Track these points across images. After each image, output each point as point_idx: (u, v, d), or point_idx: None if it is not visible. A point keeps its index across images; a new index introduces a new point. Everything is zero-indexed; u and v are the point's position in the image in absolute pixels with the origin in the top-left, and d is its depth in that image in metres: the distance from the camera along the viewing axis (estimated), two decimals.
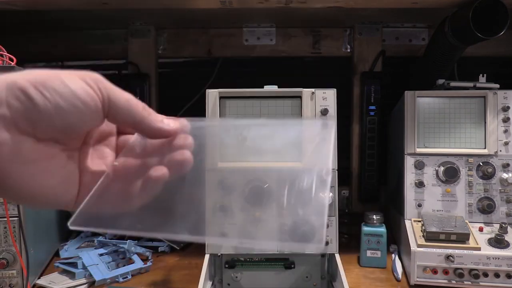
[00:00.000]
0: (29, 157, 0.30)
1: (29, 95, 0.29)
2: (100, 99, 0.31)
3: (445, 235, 0.81)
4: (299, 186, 0.78)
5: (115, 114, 0.33)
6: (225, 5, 0.93)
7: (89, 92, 0.31)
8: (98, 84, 0.31)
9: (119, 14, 1.17)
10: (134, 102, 0.34)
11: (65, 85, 0.30)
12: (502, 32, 0.82)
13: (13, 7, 0.92)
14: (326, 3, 0.93)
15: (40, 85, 0.29)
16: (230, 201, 0.80)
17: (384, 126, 1.24)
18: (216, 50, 1.32)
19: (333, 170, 0.81)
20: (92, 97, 0.31)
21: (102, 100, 0.32)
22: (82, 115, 0.31)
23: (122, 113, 0.33)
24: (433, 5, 0.94)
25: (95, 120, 0.32)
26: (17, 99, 0.29)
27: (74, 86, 0.30)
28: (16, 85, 0.29)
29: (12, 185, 0.30)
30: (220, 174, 0.78)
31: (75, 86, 0.30)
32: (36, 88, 0.29)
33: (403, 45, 1.30)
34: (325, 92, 0.81)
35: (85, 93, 0.31)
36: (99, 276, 0.83)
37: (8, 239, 0.79)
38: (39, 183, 0.31)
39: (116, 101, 0.32)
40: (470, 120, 0.89)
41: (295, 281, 0.84)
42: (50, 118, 0.30)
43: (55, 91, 0.29)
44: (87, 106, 0.31)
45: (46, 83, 0.29)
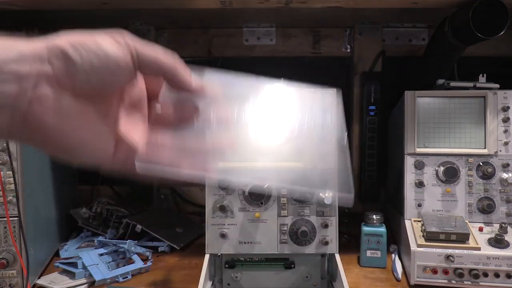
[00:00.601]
0: (68, 111, 0.33)
1: (67, 54, 0.32)
2: (129, 53, 0.34)
3: (445, 235, 0.81)
4: (299, 186, 0.78)
5: (145, 65, 0.35)
6: (225, 5, 0.93)
7: (119, 48, 0.34)
8: (125, 40, 0.34)
9: (119, 14, 1.17)
10: (163, 53, 0.36)
11: (98, 45, 0.33)
12: (502, 32, 0.82)
13: (13, 7, 0.92)
14: (326, 3, 0.93)
15: (78, 45, 0.32)
16: (230, 201, 0.81)
17: (384, 126, 1.24)
18: (216, 50, 1.32)
19: (333, 170, 0.80)
20: (123, 53, 0.34)
21: (131, 53, 0.34)
22: (115, 70, 0.34)
23: (152, 64, 0.36)
24: (433, 5, 0.94)
25: (127, 73, 0.35)
26: (57, 57, 0.32)
27: (105, 45, 0.33)
28: (56, 45, 0.32)
29: (53, 136, 0.33)
30: (220, 174, 0.79)
31: (106, 45, 0.33)
32: (73, 48, 0.32)
33: (403, 45, 1.30)
34: (325, 92, 0.81)
35: (116, 49, 0.33)
36: (99, 276, 0.83)
37: (8, 239, 0.79)
38: (77, 136, 0.34)
39: (145, 53, 0.35)
40: (470, 120, 0.89)
41: (295, 281, 0.84)
42: (87, 74, 0.32)
43: (90, 50, 0.32)
44: (120, 63, 0.34)
45: (82, 44, 0.32)
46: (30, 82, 0.31)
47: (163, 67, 0.36)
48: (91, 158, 0.35)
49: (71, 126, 0.33)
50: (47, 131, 0.32)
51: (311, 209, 0.81)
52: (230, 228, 0.81)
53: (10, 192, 0.78)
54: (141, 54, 0.35)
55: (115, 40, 0.34)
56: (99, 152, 0.35)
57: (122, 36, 0.34)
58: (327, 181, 0.81)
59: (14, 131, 0.32)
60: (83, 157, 0.35)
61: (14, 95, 0.30)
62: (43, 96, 0.31)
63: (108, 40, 0.33)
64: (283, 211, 0.79)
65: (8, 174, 0.78)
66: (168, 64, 0.36)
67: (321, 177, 0.80)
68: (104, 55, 0.33)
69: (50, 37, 0.33)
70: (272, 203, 0.80)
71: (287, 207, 0.80)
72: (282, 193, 0.80)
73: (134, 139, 0.37)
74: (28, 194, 0.83)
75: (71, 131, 0.33)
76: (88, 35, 0.33)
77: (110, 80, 0.34)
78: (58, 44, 0.32)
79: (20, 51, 0.31)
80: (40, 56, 0.31)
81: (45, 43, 0.32)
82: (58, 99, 0.32)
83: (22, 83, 0.31)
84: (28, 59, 0.31)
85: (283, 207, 0.80)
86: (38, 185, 0.91)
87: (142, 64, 0.35)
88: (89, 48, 0.32)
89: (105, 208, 1.12)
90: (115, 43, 0.34)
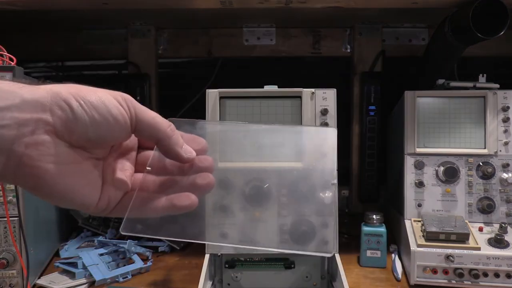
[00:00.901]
0: (62, 159, 0.34)
1: (71, 106, 0.33)
2: (129, 115, 0.36)
3: (445, 235, 0.81)
4: (299, 186, 0.78)
5: (142, 130, 0.37)
6: (225, 5, 0.93)
7: (120, 109, 0.35)
8: (127, 103, 0.36)
9: (119, 14, 1.17)
10: (159, 120, 0.38)
11: (101, 101, 0.34)
12: (502, 32, 0.82)
13: (13, 7, 0.92)
14: (326, 3, 0.93)
15: (81, 98, 0.33)
16: (230, 201, 0.81)
17: (384, 126, 1.24)
18: (216, 50, 1.32)
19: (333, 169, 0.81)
20: (122, 113, 0.35)
21: (130, 116, 0.36)
22: (112, 128, 0.35)
23: (148, 129, 0.37)
24: (433, 5, 0.94)
25: (123, 133, 0.36)
26: (60, 108, 0.33)
27: (108, 103, 0.34)
28: (60, 95, 0.33)
29: (45, 182, 0.33)
30: (220, 174, 0.78)
31: (109, 103, 0.34)
32: (77, 101, 0.33)
33: (403, 45, 1.30)
34: (325, 92, 0.81)
35: (117, 110, 0.35)
36: (99, 276, 0.83)
37: (8, 239, 0.79)
38: (69, 184, 0.35)
39: (142, 118, 0.37)
40: (470, 120, 0.89)
41: (295, 281, 0.84)
42: (85, 129, 0.34)
43: (93, 105, 0.34)
44: (118, 121, 0.35)
45: (85, 97, 0.33)
46: (29, 128, 0.32)
47: (158, 136, 0.38)
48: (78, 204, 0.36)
49: (64, 173, 0.34)
50: (40, 176, 0.33)
51: (311, 209, 0.81)
52: (230, 228, 0.81)
53: (10, 192, 0.78)
54: (139, 118, 0.36)
55: (117, 100, 0.35)
56: (87, 198, 0.36)
57: (124, 98, 0.36)
58: (327, 181, 0.81)
59: (7, 173, 0.32)
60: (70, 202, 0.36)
61: (12, 139, 0.31)
62: (40, 142, 0.32)
63: (110, 98, 0.35)
64: (283, 211, 0.79)
65: None
66: (163, 133, 0.38)
67: (321, 177, 0.80)
68: (106, 113, 0.34)
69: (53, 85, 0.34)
70: (272, 203, 0.80)
71: (287, 207, 0.80)
72: (282, 193, 0.80)
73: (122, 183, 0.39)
74: (28, 194, 0.83)
75: (63, 178, 0.34)
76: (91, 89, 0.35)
77: (106, 136, 0.35)
78: (62, 94, 0.33)
79: (23, 98, 0.32)
80: (42, 104, 0.32)
81: (48, 91, 0.33)
82: (53, 147, 0.33)
83: (20, 129, 0.31)
84: (30, 106, 0.32)
85: (283, 207, 0.80)
86: None
87: (139, 128, 0.37)
88: (92, 103, 0.34)
89: None
90: (116, 102, 0.35)
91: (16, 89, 0.32)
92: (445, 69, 1.06)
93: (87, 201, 0.36)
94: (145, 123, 0.37)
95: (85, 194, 0.36)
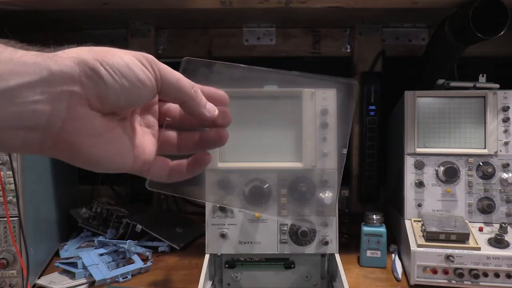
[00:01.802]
0: (98, 130, 0.34)
1: (100, 75, 0.32)
2: (155, 78, 0.35)
3: (445, 235, 0.81)
4: (299, 186, 0.78)
5: (166, 92, 0.37)
6: (225, 5, 0.93)
7: (146, 72, 0.35)
8: (152, 65, 0.35)
9: (119, 14, 1.17)
10: (184, 82, 0.37)
11: (128, 67, 0.33)
12: (502, 32, 0.82)
13: (13, 7, 0.92)
14: (326, 3, 0.93)
15: (108, 65, 0.32)
16: (230, 201, 0.81)
17: (384, 126, 1.24)
18: (216, 50, 1.32)
19: (333, 170, 0.81)
20: (149, 77, 0.35)
21: (156, 79, 0.35)
22: (141, 93, 0.35)
23: (172, 91, 0.37)
24: (433, 5, 0.94)
25: (150, 96, 0.36)
26: (90, 79, 0.32)
27: (134, 67, 0.34)
28: (87, 64, 0.32)
29: (83, 155, 0.34)
30: (220, 174, 0.79)
31: (135, 67, 0.34)
32: (105, 69, 0.32)
33: (403, 45, 1.30)
34: (325, 92, 0.81)
35: (144, 74, 0.34)
36: (99, 276, 0.83)
37: (8, 239, 0.79)
38: (105, 152, 0.35)
39: (168, 80, 0.36)
40: (470, 120, 0.89)
41: (295, 281, 0.84)
42: (117, 97, 0.33)
43: (121, 72, 0.33)
44: (145, 85, 0.35)
45: (113, 64, 0.33)
46: (63, 102, 0.31)
47: (182, 98, 0.38)
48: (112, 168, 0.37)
49: (99, 143, 0.34)
50: (78, 149, 0.33)
51: (311, 209, 0.81)
52: (230, 228, 0.81)
53: (10, 192, 0.78)
54: (164, 80, 0.36)
55: (142, 62, 0.35)
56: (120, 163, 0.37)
57: (148, 60, 0.35)
58: (327, 181, 0.81)
59: (45, 148, 0.32)
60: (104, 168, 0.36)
61: (47, 115, 0.31)
62: (76, 117, 0.32)
63: (136, 63, 0.34)
64: (283, 211, 0.79)
65: (8, 174, 0.78)
66: (187, 95, 0.38)
67: (321, 177, 0.80)
68: (134, 78, 0.34)
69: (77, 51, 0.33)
70: (272, 203, 0.80)
71: (287, 207, 0.80)
72: (282, 193, 0.80)
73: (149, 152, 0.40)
74: (28, 194, 0.83)
75: (98, 148, 0.34)
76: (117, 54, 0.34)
77: (136, 101, 0.35)
78: (89, 63, 0.32)
79: (51, 71, 0.31)
80: (71, 76, 0.31)
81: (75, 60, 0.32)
82: (89, 119, 0.33)
83: (55, 104, 0.31)
84: (59, 78, 0.31)
85: (283, 207, 0.80)
86: (38, 185, 0.91)
87: (164, 90, 0.36)
88: (120, 69, 0.33)
89: (105, 208, 1.12)
90: (142, 66, 0.34)
91: (41, 61, 0.31)
92: (445, 69, 1.06)
93: (120, 166, 0.37)
94: (170, 85, 0.36)
95: (119, 160, 0.36)
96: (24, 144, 0.31)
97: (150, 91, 0.35)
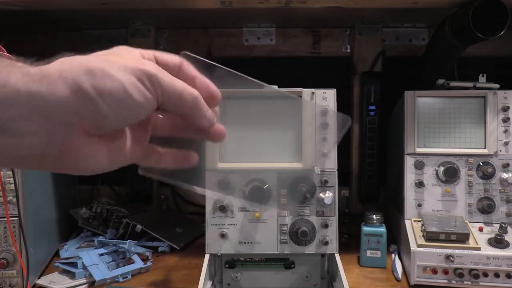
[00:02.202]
0: (94, 153, 0.34)
1: (97, 106, 0.31)
2: (154, 96, 0.34)
3: (445, 235, 0.81)
4: (299, 186, 0.78)
5: (167, 106, 0.35)
6: (225, 5, 0.93)
7: (146, 94, 0.33)
8: (153, 83, 0.33)
9: (119, 14, 1.17)
10: (186, 96, 0.35)
11: (127, 93, 0.32)
12: (502, 32, 0.82)
13: (13, 7, 0.92)
14: (326, 3, 0.93)
15: (106, 94, 0.31)
16: (230, 201, 0.81)
17: (384, 126, 1.24)
18: (216, 50, 1.32)
19: (333, 170, 0.81)
20: (147, 97, 0.33)
21: (156, 97, 0.34)
22: (139, 114, 0.34)
23: (173, 106, 0.35)
24: (433, 5, 0.94)
25: (148, 113, 0.35)
26: (86, 108, 0.31)
27: (134, 93, 0.32)
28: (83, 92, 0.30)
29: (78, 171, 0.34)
30: (220, 174, 0.79)
31: (134, 93, 0.32)
32: (102, 99, 0.31)
33: (403, 45, 1.30)
34: (325, 92, 0.81)
35: (143, 97, 0.33)
36: (99, 276, 0.83)
37: (8, 239, 0.79)
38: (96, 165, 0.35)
39: (169, 96, 0.34)
40: (470, 120, 0.89)
41: (295, 281, 0.84)
42: (115, 122, 0.33)
43: (119, 99, 0.31)
44: (144, 107, 0.33)
45: (111, 93, 0.31)
46: (59, 134, 0.31)
47: (183, 110, 0.36)
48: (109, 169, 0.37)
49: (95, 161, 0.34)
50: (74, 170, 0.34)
51: (311, 209, 0.81)
52: (230, 228, 0.81)
53: (10, 192, 0.78)
54: (166, 95, 0.34)
55: (142, 82, 0.32)
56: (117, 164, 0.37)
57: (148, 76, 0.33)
58: (327, 181, 0.81)
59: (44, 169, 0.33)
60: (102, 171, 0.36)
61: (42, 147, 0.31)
62: (72, 146, 0.32)
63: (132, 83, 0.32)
64: (283, 211, 0.79)
65: (8, 174, 0.78)
66: (189, 107, 0.36)
67: (321, 177, 0.80)
68: (133, 104, 0.32)
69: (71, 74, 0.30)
70: (272, 203, 0.80)
71: (287, 207, 0.80)
72: (282, 193, 0.80)
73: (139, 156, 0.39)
74: (28, 194, 0.83)
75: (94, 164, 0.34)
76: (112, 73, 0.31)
77: (133, 121, 0.35)
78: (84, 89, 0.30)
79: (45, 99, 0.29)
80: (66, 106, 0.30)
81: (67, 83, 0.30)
82: (86, 147, 0.33)
83: (50, 136, 0.30)
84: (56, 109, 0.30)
85: (283, 207, 0.80)
86: (38, 185, 0.91)
87: (165, 103, 0.35)
88: (118, 96, 0.31)
89: (105, 208, 1.12)
90: (139, 86, 0.32)
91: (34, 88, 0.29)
92: (445, 69, 1.06)
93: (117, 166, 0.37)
94: (171, 101, 0.35)
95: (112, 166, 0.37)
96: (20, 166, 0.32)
97: (147, 110, 0.34)
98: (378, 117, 1.22)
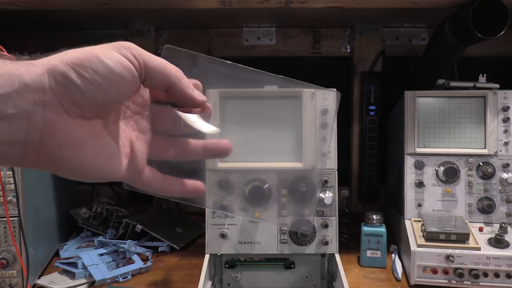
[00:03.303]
0: (80, 139, 0.32)
1: (70, 79, 0.30)
2: (137, 66, 0.33)
3: (445, 235, 0.81)
4: (299, 186, 0.78)
5: (151, 78, 0.34)
6: (225, 5, 0.93)
7: (125, 63, 0.32)
8: (132, 52, 0.33)
9: (119, 14, 1.17)
10: (167, 64, 0.35)
11: (102, 63, 0.31)
12: (502, 32, 0.82)
13: (13, 7, 0.92)
14: (326, 3, 0.93)
15: (79, 67, 0.30)
16: (230, 201, 0.81)
17: (384, 126, 1.24)
18: (216, 50, 1.32)
19: (333, 170, 0.81)
20: (129, 67, 0.32)
21: (138, 67, 0.33)
22: (121, 87, 0.32)
23: (158, 76, 0.34)
24: (433, 5, 0.94)
25: (133, 87, 0.34)
26: (59, 84, 0.30)
27: (110, 62, 0.31)
28: (56, 70, 0.30)
29: (66, 167, 0.32)
30: (220, 174, 0.79)
31: (111, 62, 0.31)
32: (76, 71, 0.30)
33: (403, 45, 1.30)
34: (325, 92, 0.81)
35: (122, 66, 0.32)
36: (99, 276, 0.83)
37: (8, 239, 0.79)
38: (90, 162, 0.33)
39: (151, 65, 0.34)
40: (470, 120, 0.89)
41: (295, 281, 0.84)
42: (93, 97, 0.31)
43: (94, 70, 0.31)
44: (125, 78, 0.32)
45: (84, 64, 0.30)
46: (39, 115, 0.30)
47: (170, 80, 0.35)
48: (103, 178, 0.35)
49: (84, 152, 0.33)
50: (60, 161, 0.32)
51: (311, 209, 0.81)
52: (230, 228, 0.81)
53: (10, 192, 0.78)
54: (148, 66, 0.33)
55: (121, 53, 0.32)
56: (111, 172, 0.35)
57: (128, 47, 0.33)
58: (327, 181, 0.81)
59: (27, 162, 0.31)
60: (95, 178, 0.35)
61: (24, 129, 0.30)
62: (54, 128, 0.30)
63: (112, 55, 0.32)
64: (283, 211, 0.79)
65: (8, 174, 0.78)
66: (174, 75, 0.35)
67: (321, 177, 0.80)
68: (110, 72, 0.31)
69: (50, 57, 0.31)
70: (272, 203, 0.80)
71: (287, 207, 0.80)
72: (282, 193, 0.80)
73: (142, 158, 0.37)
74: (28, 194, 0.83)
75: (84, 157, 0.33)
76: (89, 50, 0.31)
77: (117, 96, 0.33)
78: (58, 68, 0.30)
79: (23, 81, 0.29)
80: (41, 85, 0.30)
81: (44, 67, 0.30)
82: (69, 128, 0.31)
83: (30, 117, 0.29)
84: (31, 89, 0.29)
85: (283, 207, 0.80)
86: (38, 185, 0.91)
87: (149, 76, 0.34)
88: (92, 67, 0.31)
89: (105, 208, 1.12)
90: (120, 57, 0.32)
91: (13, 70, 0.29)
92: (445, 69, 1.06)
93: (111, 174, 0.35)
94: (155, 70, 0.34)
95: (108, 168, 0.35)
96: (4, 158, 0.30)
97: (132, 82, 0.33)
98: (378, 117, 1.22)
